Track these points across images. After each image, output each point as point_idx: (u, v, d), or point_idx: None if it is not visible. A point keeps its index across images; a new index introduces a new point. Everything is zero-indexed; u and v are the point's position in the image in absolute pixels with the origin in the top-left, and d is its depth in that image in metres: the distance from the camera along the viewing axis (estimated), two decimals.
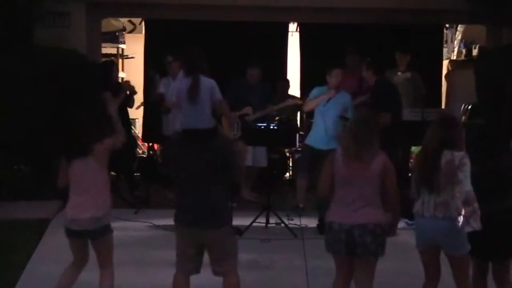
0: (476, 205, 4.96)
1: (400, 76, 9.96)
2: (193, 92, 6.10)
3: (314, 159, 8.26)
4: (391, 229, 5.08)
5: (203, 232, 5.07)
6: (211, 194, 5.05)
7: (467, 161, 5.00)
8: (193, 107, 5.82)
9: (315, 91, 8.54)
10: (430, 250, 5.18)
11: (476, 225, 4.97)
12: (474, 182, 5.01)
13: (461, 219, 4.99)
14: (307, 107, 8.66)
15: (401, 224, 7.51)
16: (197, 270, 5.23)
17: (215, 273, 5.21)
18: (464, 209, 4.98)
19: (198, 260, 5.19)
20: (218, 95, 7.27)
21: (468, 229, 4.99)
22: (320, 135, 8.33)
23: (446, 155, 5.02)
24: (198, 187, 5.03)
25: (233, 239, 5.31)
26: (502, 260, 5.31)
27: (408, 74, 9.96)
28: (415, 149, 9.43)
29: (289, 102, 9.78)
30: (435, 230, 5.04)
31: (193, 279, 5.29)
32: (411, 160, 9.24)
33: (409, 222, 7.50)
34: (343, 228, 4.94)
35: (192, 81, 6.42)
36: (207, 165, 5.01)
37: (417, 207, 5.14)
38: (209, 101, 6.98)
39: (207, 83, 6.96)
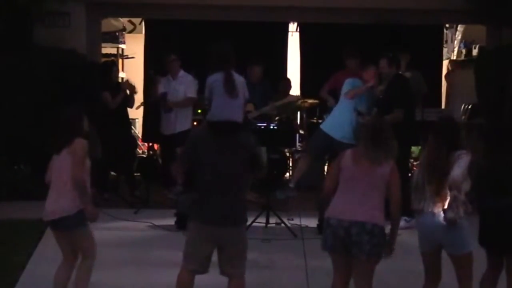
0: (459, 194, 4.97)
1: None
2: (230, 86, 6.08)
3: (327, 147, 8.15)
4: (390, 240, 5.05)
5: (223, 230, 5.02)
6: (236, 191, 5.03)
7: (465, 156, 5.05)
8: (230, 100, 5.80)
9: (350, 83, 8.33)
10: (432, 251, 5.18)
11: (451, 215, 4.95)
12: (485, 177, 5.06)
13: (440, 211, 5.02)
14: (350, 95, 8.36)
15: (400, 221, 7.53)
16: (205, 270, 5.16)
17: (224, 273, 5.16)
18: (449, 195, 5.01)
19: (208, 260, 5.13)
20: (247, 93, 7.24)
21: (448, 215, 4.97)
22: (346, 127, 8.13)
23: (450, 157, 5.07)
24: (225, 183, 5.00)
25: (246, 239, 5.26)
26: None
27: (408, 74, 9.96)
28: (415, 149, 9.45)
29: (290, 98, 9.77)
30: (435, 226, 5.04)
31: (195, 279, 5.28)
32: (411, 160, 9.25)
33: (407, 219, 7.54)
34: (341, 225, 4.93)
35: (225, 75, 6.40)
36: (236, 161, 5.00)
37: (418, 205, 5.16)
38: (243, 96, 6.95)
39: (240, 79, 6.94)
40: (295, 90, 11.70)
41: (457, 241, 5.06)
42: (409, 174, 8.41)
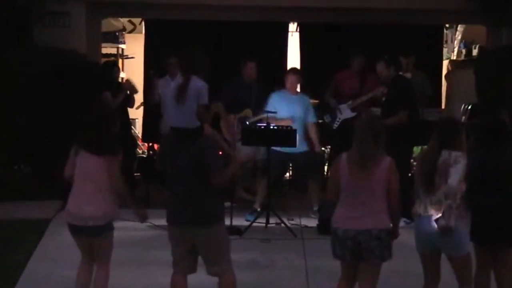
0: (454, 202, 4.96)
1: None
2: (179, 92, 6.13)
3: (284, 163, 8.42)
4: (393, 231, 5.08)
5: (191, 230, 5.10)
6: (198, 193, 5.09)
7: (461, 160, 5.06)
8: (177, 106, 5.85)
9: (273, 100, 8.80)
10: (429, 252, 5.20)
11: (445, 222, 4.95)
12: (478, 171, 5.10)
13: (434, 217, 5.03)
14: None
15: (400, 223, 7.54)
16: (192, 269, 5.25)
17: (209, 273, 5.21)
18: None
19: (191, 260, 5.21)
20: (204, 99, 7.20)
21: (440, 223, 4.97)
22: None
23: (443, 155, 5.09)
24: (185, 185, 5.10)
25: (224, 238, 5.27)
26: (506, 247, 5.30)
27: (408, 75, 9.96)
28: (415, 149, 9.45)
29: None
30: (432, 229, 5.05)
31: (192, 278, 5.29)
32: (412, 161, 9.25)
33: (407, 221, 7.57)
34: (348, 235, 4.94)
35: (182, 81, 6.45)
36: (192, 164, 5.08)
37: (415, 207, 5.18)
38: (195, 102, 6.97)
39: (197, 85, 6.92)
40: None
41: (454, 244, 5.07)
42: (409, 174, 8.44)
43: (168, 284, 5.29)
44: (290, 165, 10.66)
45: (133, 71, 12.53)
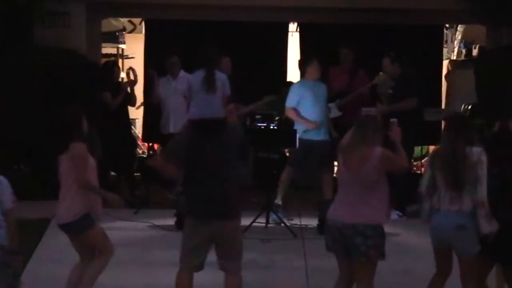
0: (488, 210, 4.96)
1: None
2: (208, 82, 6.26)
3: (307, 152, 8.32)
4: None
5: (218, 223, 5.06)
6: (227, 184, 5.09)
7: (484, 158, 5.02)
8: (208, 97, 5.94)
9: (296, 90, 8.55)
10: (443, 249, 5.16)
11: (488, 228, 4.95)
12: (494, 186, 5.05)
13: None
14: (288, 114, 8.70)
15: (393, 216, 7.55)
16: (201, 267, 5.19)
17: (223, 268, 5.18)
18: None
19: (204, 256, 5.17)
20: (228, 90, 7.38)
21: (485, 229, 4.96)
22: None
23: (466, 151, 5.05)
24: (215, 177, 5.06)
25: (242, 234, 5.36)
26: None
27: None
28: (416, 149, 9.49)
29: (265, 99, 9.67)
30: (448, 224, 5.03)
31: (193, 278, 5.28)
32: (412, 160, 9.26)
33: (399, 213, 7.65)
34: (335, 226, 4.97)
35: (206, 72, 6.57)
36: (224, 155, 5.07)
37: (433, 202, 5.13)
38: (221, 93, 7.12)
39: (221, 76, 7.11)
40: None
41: (466, 243, 5.03)
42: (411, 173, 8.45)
43: (168, 284, 5.29)
44: None
45: None
